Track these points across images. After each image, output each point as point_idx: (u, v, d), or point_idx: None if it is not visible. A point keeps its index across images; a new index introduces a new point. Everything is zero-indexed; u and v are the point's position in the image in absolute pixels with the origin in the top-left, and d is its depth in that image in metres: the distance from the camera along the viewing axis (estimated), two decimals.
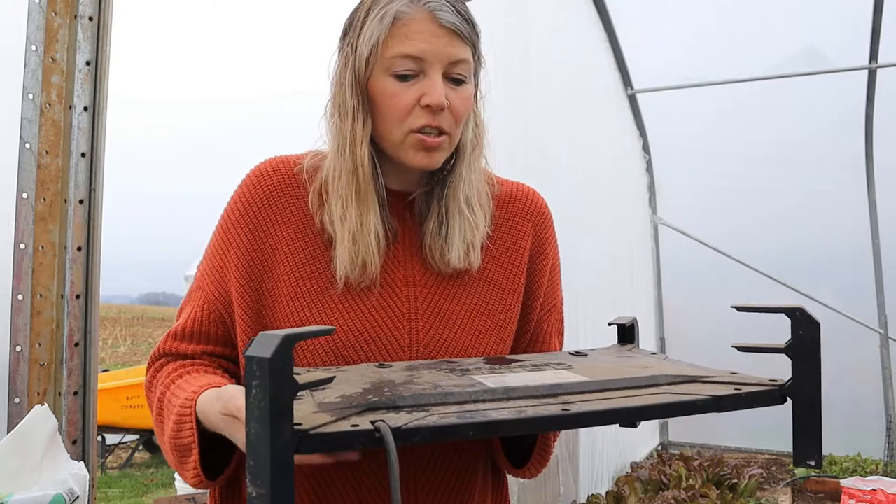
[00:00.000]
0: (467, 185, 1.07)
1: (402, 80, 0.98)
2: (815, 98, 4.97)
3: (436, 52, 0.98)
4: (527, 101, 3.38)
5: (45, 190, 1.25)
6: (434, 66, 0.98)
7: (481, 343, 1.07)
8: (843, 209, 5.31)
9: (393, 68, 0.98)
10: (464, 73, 1.01)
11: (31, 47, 1.24)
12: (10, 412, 1.19)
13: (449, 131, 1.01)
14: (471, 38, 1.01)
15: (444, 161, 1.05)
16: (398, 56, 0.97)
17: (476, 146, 1.09)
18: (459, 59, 1.00)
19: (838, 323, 5.12)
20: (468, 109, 1.04)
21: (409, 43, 0.97)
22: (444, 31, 0.98)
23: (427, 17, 0.98)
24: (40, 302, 1.23)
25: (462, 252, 1.05)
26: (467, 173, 1.07)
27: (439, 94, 0.97)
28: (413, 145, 1.00)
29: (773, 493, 4.52)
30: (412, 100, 0.98)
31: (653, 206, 5.79)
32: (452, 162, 1.07)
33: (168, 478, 5.76)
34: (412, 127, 0.99)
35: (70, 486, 1.03)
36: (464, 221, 1.06)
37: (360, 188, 1.01)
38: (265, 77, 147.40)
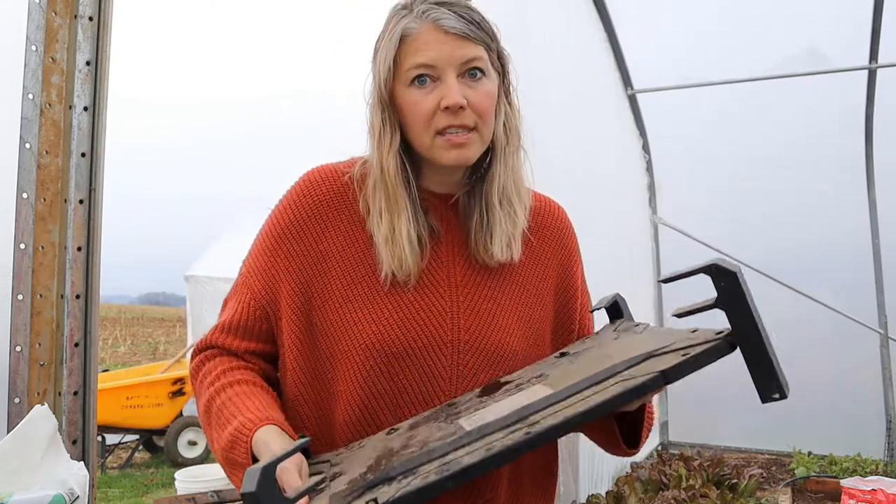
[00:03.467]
0: (504, 180, 1.13)
1: (421, 88, 1.05)
2: (815, 98, 4.96)
3: (446, 57, 1.04)
4: (526, 101, 3.37)
5: (45, 190, 1.24)
6: (447, 70, 1.04)
7: (516, 340, 1.14)
8: (843, 209, 5.31)
9: (411, 79, 1.06)
10: (479, 69, 1.07)
11: (31, 47, 1.24)
12: (10, 412, 1.19)
13: (475, 126, 1.07)
14: (480, 37, 1.07)
15: (480, 157, 1.12)
16: (412, 67, 1.05)
17: (509, 141, 1.15)
18: (470, 58, 1.06)
19: (838, 323, 5.11)
20: (490, 103, 1.08)
21: (420, 54, 1.04)
22: (450, 37, 1.04)
23: (432, 27, 1.04)
24: (40, 302, 1.23)
25: (504, 244, 1.12)
26: (502, 168, 1.13)
27: (455, 94, 1.03)
28: (442, 146, 1.07)
29: (773, 493, 4.52)
30: (433, 105, 1.05)
31: (653, 206, 5.79)
32: (489, 159, 1.14)
33: (168, 478, 5.76)
34: (437, 129, 1.06)
35: (70, 486, 1.03)
36: (504, 215, 1.12)
37: (389, 195, 1.08)
38: (265, 77, 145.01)
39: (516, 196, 1.14)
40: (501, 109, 1.13)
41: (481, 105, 1.07)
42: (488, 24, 1.11)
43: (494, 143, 1.13)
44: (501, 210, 1.12)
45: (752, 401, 1.11)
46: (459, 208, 1.15)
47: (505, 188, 1.13)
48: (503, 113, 1.13)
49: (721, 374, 5.69)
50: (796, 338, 5.34)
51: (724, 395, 5.61)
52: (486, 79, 1.08)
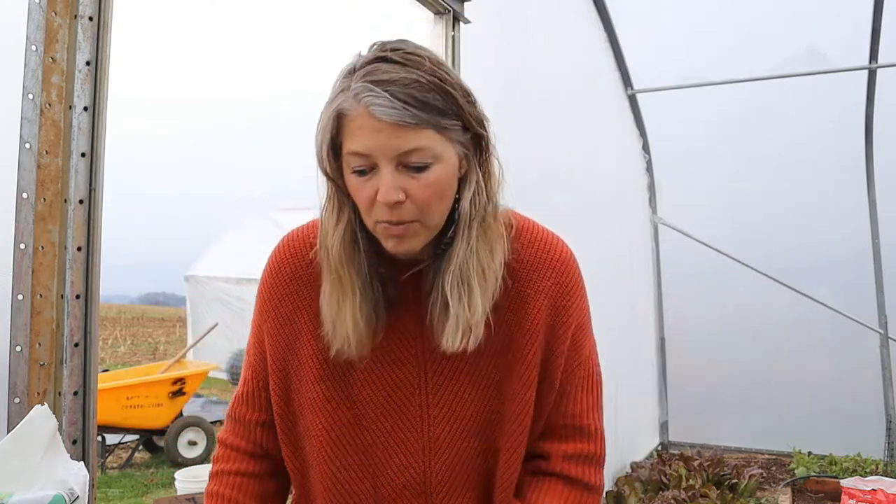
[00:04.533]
0: (464, 259, 1.01)
1: (360, 176, 0.96)
2: (815, 98, 4.97)
3: (379, 148, 0.93)
4: (527, 101, 3.38)
5: (45, 190, 1.24)
6: (381, 160, 0.94)
7: (490, 409, 1.09)
8: (843, 209, 5.31)
9: (350, 164, 0.97)
10: (422, 161, 0.94)
11: (31, 47, 1.24)
12: (10, 412, 1.19)
13: (416, 219, 0.97)
14: (425, 120, 0.93)
15: (444, 232, 1.02)
16: (349, 153, 0.96)
17: (477, 215, 1.02)
18: (409, 149, 0.93)
19: (838, 323, 5.12)
20: (435, 192, 0.97)
21: (354, 140, 0.95)
22: (385, 125, 0.92)
23: (365, 113, 0.93)
24: (40, 302, 1.23)
25: (458, 332, 1.01)
26: (464, 246, 1.01)
27: (386, 191, 0.94)
28: (382, 234, 0.99)
29: (773, 493, 4.52)
30: (371, 194, 0.96)
31: (653, 206, 5.79)
32: (451, 234, 1.02)
33: (168, 478, 5.76)
34: (377, 219, 0.98)
35: (70, 486, 1.03)
36: (459, 300, 1.00)
37: (334, 277, 1.02)
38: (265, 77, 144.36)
39: (479, 279, 1.01)
40: (472, 178, 1.01)
41: (422, 198, 0.96)
42: (445, 94, 0.95)
43: (459, 217, 1.01)
44: (458, 295, 1.00)
45: (752, 401, 1.11)
46: (422, 281, 1.06)
47: (463, 270, 1.00)
48: (474, 182, 1.02)
49: (721, 374, 5.73)
50: (796, 338, 5.34)
51: (724, 395, 5.61)
52: (435, 165, 0.96)
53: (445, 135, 0.96)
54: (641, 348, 5.47)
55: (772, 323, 5.39)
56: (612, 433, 4.52)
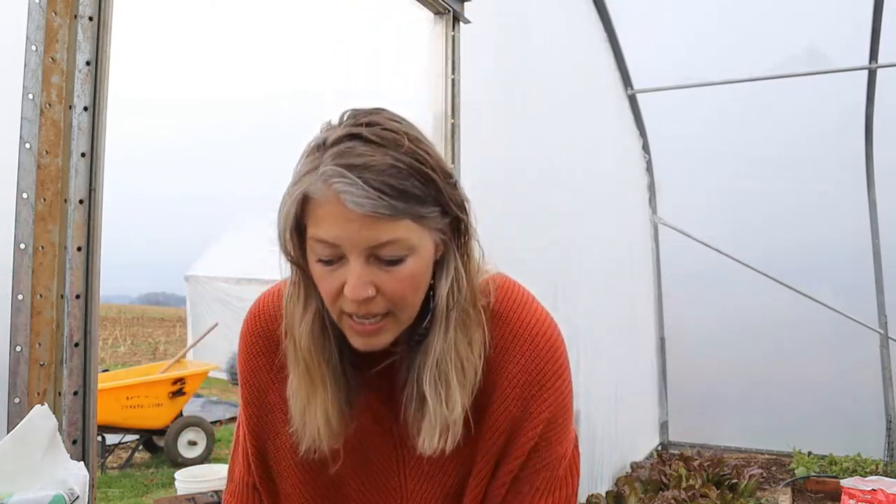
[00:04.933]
0: (443, 354, 0.92)
1: (325, 265, 0.88)
2: (815, 98, 4.97)
3: (349, 238, 0.84)
4: (527, 101, 3.38)
5: (45, 190, 1.24)
6: (351, 252, 0.85)
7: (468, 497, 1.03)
8: (843, 209, 5.32)
9: (314, 251, 0.88)
10: (396, 254, 0.86)
11: (31, 47, 1.24)
12: (10, 412, 1.19)
13: (387, 312, 0.89)
14: (400, 211, 0.84)
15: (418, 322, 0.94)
16: (314, 239, 0.87)
17: (456, 305, 0.93)
18: (382, 241, 0.85)
19: (838, 323, 5.12)
20: (410, 285, 0.89)
21: (321, 227, 0.85)
22: (357, 215, 0.83)
23: (335, 200, 0.83)
24: (40, 302, 1.23)
25: (435, 435, 0.93)
26: (441, 339, 0.92)
27: (355, 286, 0.85)
28: (348, 328, 0.91)
29: (773, 493, 4.52)
30: (337, 286, 0.87)
31: (653, 206, 5.79)
32: (426, 325, 0.94)
33: (168, 478, 5.76)
34: (343, 310, 0.90)
35: (70, 486, 1.03)
36: (437, 400, 0.92)
37: (302, 370, 0.95)
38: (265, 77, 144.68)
39: (457, 374, 0.93)
40: (450, 266, 0.93)
41: (395, 292, 0.88)
42: (423, 180, 0.86)
43: (435, 309, 0.93)
44: (435, 393, 0.92)
45: (752, 401, 1.10)
46: (395, 374, 0.98)
47: (442, 366, 0.92)
48: (451, 273, 0.93)
49: (721, 374, 5.73)
50: (796, 338, 5.35)
51: (724, 395, 5.61)
52: (410, 257, 0.87)
53: (423, 224, 0.87)
54: (641, 348, 5.47)
55: (772, 323, 5.40)
56: (612, 433, 4.53)
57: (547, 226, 3.58)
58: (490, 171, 2.90)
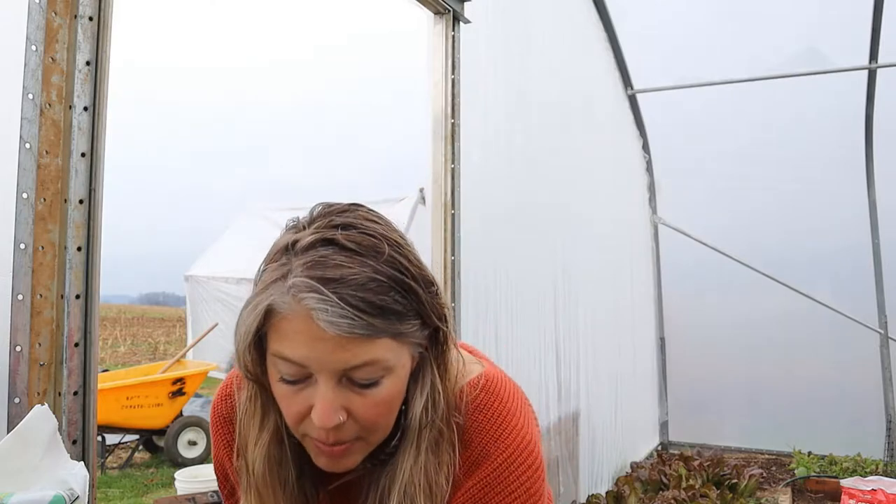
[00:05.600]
0: (410, 481, 0.84)
1: (290, 384, 0.79)
2: (815, 98, 4.97)
3: (319, 360, 0.75)
4: (527, 101, 3.38)
5: (44, 190, 1.24)
6: (321, 374, 0.76)
7: None
8: (843, 209, 5.32)
9: (277, 368, 0.79)
10: (371, 377, 0.78)
11: (31, 47, 1.24)
12: (10, 412, 1.19)
13: (357, 437, 0.82)
14: (381, 328, 0.75)
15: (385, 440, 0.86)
16: (277, 356, 0.78)
17: (429, 425, 0.85)
18: (357, 364, 0.76)
19: (838, 323, 5.12)
20: (383, 412, 0.81)
21: (287, 345, 0.76)
22: (330, 336, 0.74)
23: (306, 317, 0.74)
24: (40, 302, 1.23)
25: None
26: (412, 465, 0.84)
27: (325, 413, 0.77)
28: (314, 449, 0.83)
29: (773, 493, 4.51)
30: (303, 408, 0.79)
31: (653, 206, 5.79)
32: (395, 444, 0.86)
33: (168, 478, 5.76)
34: (307, 433, 0.82)
35: (70, 486, 1.03)
36: None
37: (258, 496, 0.88)
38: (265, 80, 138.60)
39: (424, 498, 0.84)
40: (426, 383, 0.84)
41: (368, 417, 0.80)
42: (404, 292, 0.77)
43: (407, 428, 0.85)
44: None
45: (753, 401, 1.10)
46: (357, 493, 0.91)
47: (408, 490, 0.84)
48: (427, 387, 0.84)
49: (721, 374, 5.74)
50: (796, 338, 5.35)
51: (724, 395, 5.61)
52: (387, 378, 0.79)
53: (402, 340, 0.79)
54: (641, 348, 5.46)
55: (772, 323, 5.40)
56: (612, 433, 4.53)
57: (546, 226, 3.58)
58: (489, 171, 2.90)
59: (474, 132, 2.65)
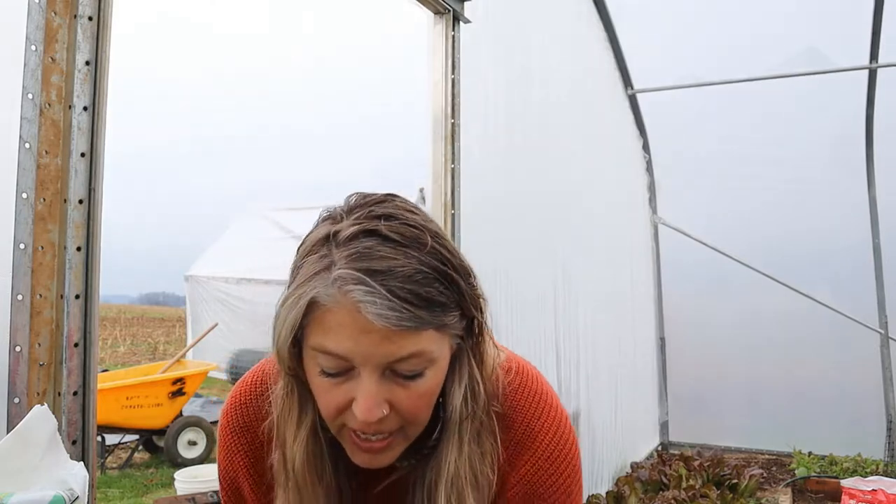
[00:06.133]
0: (457, 472, 0.84)
1: (330, 377, 0.78)
2: (815, 98, 4.97)
3: (364, 353, 0.75)
4: (527, 101, 3.38)
5: (44, 190, 1.24)
6: (365, 367, 0.76)
7: None
8: (843, 208, 5.32)
9: (317, 361, 0.78)
10: (417, 369, 0.78)
11: (30, 47, 1.24)
12: (10, 412, 1.19)
13: (399, 428, 0.81)
14: (424, 322, 0.75)
15: (425, 434, 0.86)
16: (320, 350, 0.77)
17: (469, 417, 0.85)
18: (403, 356, 0.76)
19: (838, 323, 5.12)
20: (425, 403, 0.81)
21: (330, 338, 0.75)
22: (376, 329, 0.74)
23: (351, 309, 0.73)
24: (40, 302, 1.23)
25: None
26: (455, 452, 0.84)
27: (369, 405, 0.76)
28: (351, 444, 0.82)
29: (773, 493, 4.51)
30: (343, 401, 0.78)
31: (653, 206, 5.79)
32: (437, 437, 0.86)
33: (168, 478, 5.76)
34: (346, 425, 0.81)
35: (70, 486, 1.03)
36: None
37: (294, 494, 0.86)
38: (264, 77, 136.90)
39: (473, 490, 0.84)
40: (463, 372, 0.84)
41: (411, 409, 0.79)
42: (447, 283, 0.78)
43: (447, 421, 0.84)
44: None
45: (753, 401, 1.10)
46: (402, 493, 0.89)
47: (458, 483, 0.83)
48: (465, 378, 0.84)
49: (721, 374, 5.73)
50: (796, 337, 5.35)
51: (724, 395, 5.61)
52: (430, 369, 0.79)
53: (444, 331, 0.79)
54: (641, 348, 5.46)
55: (772, 323, 5.40)
56: (612, 433, 4.53)
57: (546, 226, 3.58)
58: (489, 171, 2.89)
59: (474, 132, 2.65)
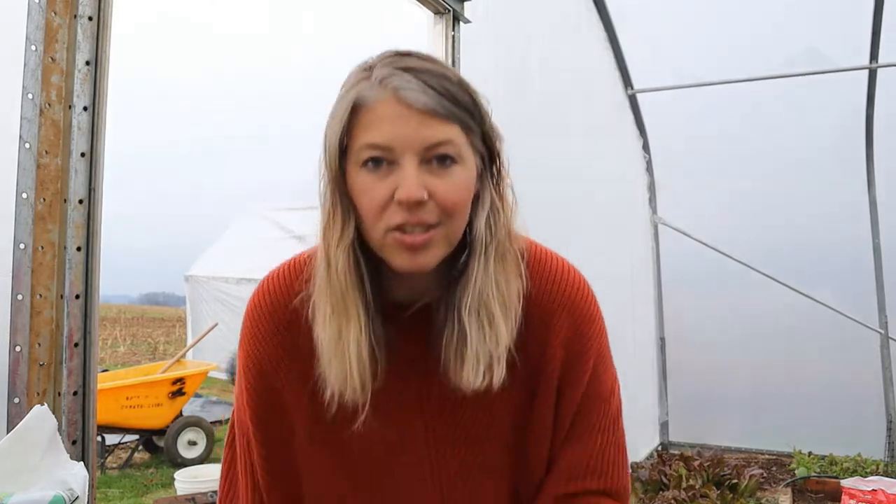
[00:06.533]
0: (483, 287, 0.90)
1: (374, 172, 0.85)
2: (815, 98, 4.97)
3: (405, 138, 0.83)
4: (527, 100, 3.38)
5: (44, 190, 1.24)
6: (405, 153, 0.84)
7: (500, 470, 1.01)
8: (843, 209, 5.32)
9: (362, 160, 0.86)
10: (450, 154, 0.86)
11: (30, 47, 1.24)
12: (10, 412, 1.19)
13: (438, 223, 0.86)
14: (454, 114, 0.85)
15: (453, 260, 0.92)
16: (364, 146, 0.85)
17: (493, 240, 0.92)
18: (437, 141, 0.84)
19: (838, 323, 5.11)
20: (462, 196, 0.88)
21: (374, 131, 0.84)
22: (414, 113, 0.83)
23: (391, 99, 0.84)
24: (40, 302, 1.23)
25: (480, 368, 0.90)
26: (482, 273, 0.90)
27: (411, 185, 0.83)
28: (394, 246, 0.86)
29: (773, 493, 4.51)
30: (386, 194, 0.85)
31: (653, 206, 5.79)
32: (464, 260, 0.92)
33: (168, 478, 5.76)
34: (389, 225, 0.85)
35: (70, 486, 1.03)
36: (481, 331, 0.90)
37: (337, 298, 0.89)
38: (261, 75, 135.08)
39: (500, 307, 0.91)
40: (485, 199, 0.92)
41: (448, 198, 0.85)
42: (471, 96, 0.89)
43: (473, 241, 0.91)
44: (478, 325, 0.90)
45: (752, 401, 1.10)
46: (430, 320, 0.94)
47: (484, 298, 0.90)
48: (488, 204, 0.92)
49: (721, 374, 5.72)
50: (796, 338, 5.34)
51: (724, 395, 5.61)
52: (459, 166, 0.87)
53: (469, 137, 0.88)
54: (641, 348, 5.46)
55: (772, 323, 5.40)
56: None
57: (546, 226, 3.58)
58: None
59: None
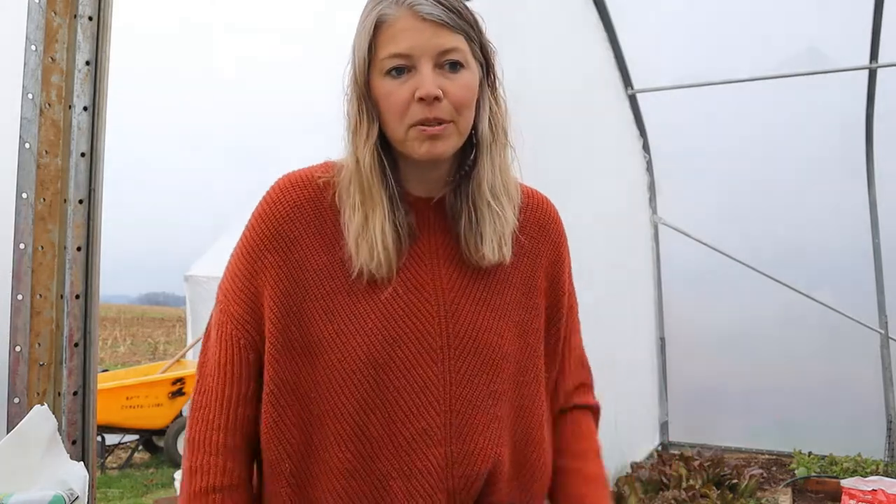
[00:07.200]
0: (491, 178, 1.09)
1: (396, 78, 1.02)
2: (815, 98, 4.96)
3: (421, 46, 1.00)
4: (526, 100, 3.38)
5: (44, 190, 1.24)
6: (422, 59, 1.01)
7: (508, 343, 1.12)
8: (843, 209, 5.31)
9: (386, 69, 1.02)
10: (458, 59, 1.03)
11: (30, 47, 1.24)
12: (10, 412, 1.19)
13: (451, 119, 1.03)
14: (459, 26, 1.03)
15: (465, 155, 1.10)
16: (387, 57, 1.01)
17: (495, 137, 1.11)
18: (448, 48, 1.02)
19: (838, 323, 5.11)
20: (469, 95, 1.04)
21: (395, 43, 1.01)
22: (427, 24, 1.00)
23: (408, 14, 1.01)
24: (40, 302, 1.23)
25: (495, 245, 1.09)
26: (489, 166, 1.09)
27: (429, 84, 1.00)
28: (415, 138, 1.03)
29: (773, 494, 4.51)
30: (407, 95, 1.01)
31: (653, 206, 5.79)
32: (474, 156, 1.10)
33: (168, 478, 5.76)
34: (411, 121, 1.02)
35: (70, 486, 1.03)
36: (493, 214, 1.09)
37: (364, 189, 1.05)
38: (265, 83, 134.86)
39: (505, 194, 1.11)
40: (485, 104, 1.09)
41: (459, 97, 1.03)
42: (470, 13, 1.07)
43: (479, 140, 1.10)
44: (490, 209, 1.09)
45: (752, 401, 1.10)
46: (445, 209, 1.11)
47: (493, 186, 1.09)
48: (488, 108, 1.10)
49: (721, 374, 5.73)
50: (796, 337, 5.34)
51: (724, 396, 5.61)
52: (466, 70, 1.04)
53: (472, 47, 1.05)
54: (641, 348, 5.46)
55: (772, 322, 5.39)
56: (612, 433, 4.52)
57: None
58: None
59: None
